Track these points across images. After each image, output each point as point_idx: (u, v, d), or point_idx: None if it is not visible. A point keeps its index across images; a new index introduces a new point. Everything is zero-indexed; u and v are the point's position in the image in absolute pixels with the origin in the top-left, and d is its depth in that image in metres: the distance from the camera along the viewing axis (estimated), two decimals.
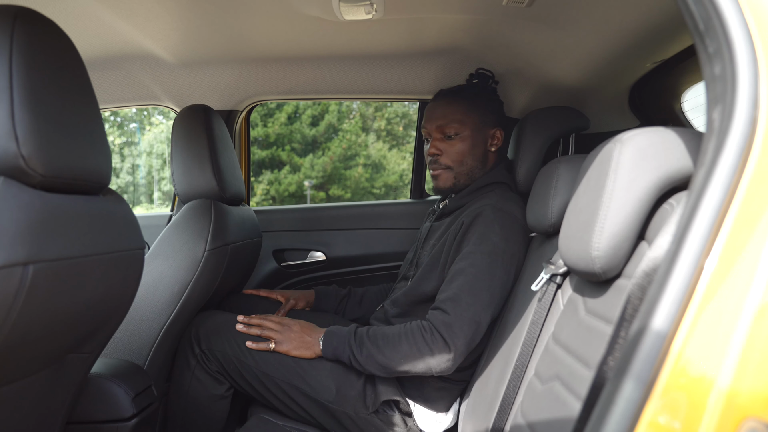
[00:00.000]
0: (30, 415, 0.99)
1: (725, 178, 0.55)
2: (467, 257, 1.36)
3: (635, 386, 0.52)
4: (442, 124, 1.57)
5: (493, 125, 1.61)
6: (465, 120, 1.56)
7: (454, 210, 1.60)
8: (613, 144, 0.88)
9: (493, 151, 1.62)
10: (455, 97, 1.58)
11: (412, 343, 1.31)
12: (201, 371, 1.49)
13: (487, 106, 1.60)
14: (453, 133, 1.56)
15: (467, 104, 1.57)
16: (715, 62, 0.61)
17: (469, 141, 1.57)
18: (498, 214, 1.41)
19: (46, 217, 0.78)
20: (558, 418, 0.87)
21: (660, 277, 0.55)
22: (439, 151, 1.58)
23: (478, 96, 1.60)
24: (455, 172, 1.59)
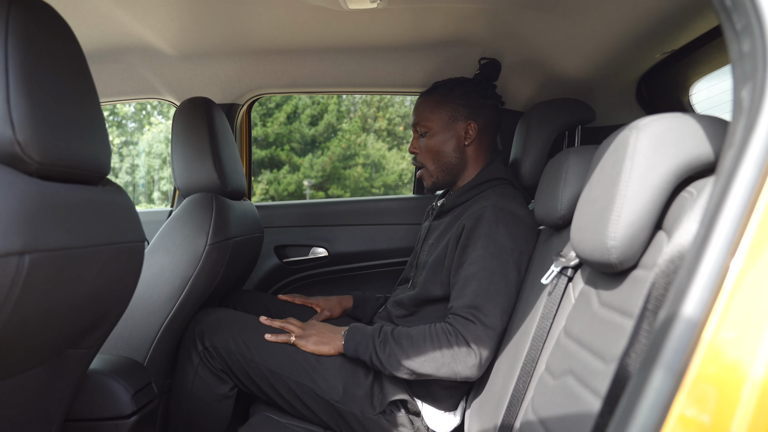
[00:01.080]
0: (28, 412, 0.97)
1: (758, 158, 0.52)
2: (477, 261, 1.34)
3: (666, 376, 0.50)
4: (415, 122, 1.60)
5: (465, 119, 1.57)
6: (432, 117, 1.57)
7: (453, 208, 1.57)
8: (629, 131, 0.85)
9: (467, 144, 1.59)
10: (428, 95, 1.60)
11: (437, 346, 1.29)
12: (204, 369, 1.46)
13: (458, 101, 1.57)
14: (423, 132, 1.59)
15: (437, 101, 1.57)
16: (744, 39, 0.58)
17: (437, 137, 1.57)
18: (500, 214, 1.38)
19: (43, 206, 0.75)
20: (572, 413, 0.85)
21: (690, 262, 0.53)
22: (416, 150, 1.62)
23: (451, 91, 1.58)
24: (430, 169, 1.60)
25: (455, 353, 1.28)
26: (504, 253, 1.33)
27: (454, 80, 1.61)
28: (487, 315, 1.28)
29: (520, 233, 1.38)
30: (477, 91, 1.59)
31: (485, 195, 1.49)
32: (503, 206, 1.40)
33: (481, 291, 1.30)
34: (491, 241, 1.34)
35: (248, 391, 1.48)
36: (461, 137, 1.58)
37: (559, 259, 1.11)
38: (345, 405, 1.38)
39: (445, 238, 1.47)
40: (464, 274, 1.35)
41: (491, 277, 1.31)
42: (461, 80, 1.61)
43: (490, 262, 1.32)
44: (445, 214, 1.59)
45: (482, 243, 1.35)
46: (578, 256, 0.98)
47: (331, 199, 2.81)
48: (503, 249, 1.33)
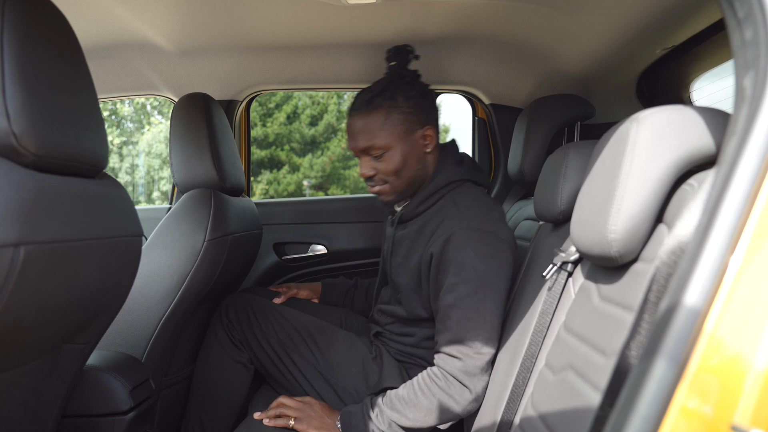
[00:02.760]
0: (23, 407, 0.96)
1: (761, 146, 0.52)
2: (451, 290, 1.28)
3: (667, 366, 0.49)
4: (365, 147, 1.40)
5: (420, 125, 1.42)
6: (387, 135, 1.38)
7: (411, 219, 1.49)
8: (629, 123, 0.85)
9: (429, 152, 1.46)
10: (369, 111, 1.39)
11: (430, 397, 1.27)
12: (226, 338, 1.60)
13: (405, 109, 1.40)
14: (379, 153, 1.40)
15: (384, 115, 1.38)
16: (746, 27, 0.57)
17: (399, 155, 1.40)
18: (466, 236, 1.30)
19: (39, 198, 0.75)
20: (573, 407, 0.84)
21: (691, 252, 0.52)
22: (373, 171, 1.43)
23: (394, 100, 1.39)
24: (394, 185, 1.44)
25: (450, 396, 1.26)
26: (477, 277, 1.27)
27: (387, 87, 1.40)
28: (471, 347, 1.25)
29: (490, 251, 1.30)
30: (417, 90, 1.43)
31: (447, 210, 1.39)
32: (468, 225, 1.32)
33: (463, 321, 1.26)
34: (462, 267, 1.28)
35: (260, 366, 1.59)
36: (420, 146, 1.44)
37: (559, 254, 1.10)
38: (339, 380, 1.45)
39: (413, 260, 1.41)
40: (442, 305, 1.30)
41: (469, 305, 1.27)
42: (395, 85, 1.41)
43: (466, 290, 1.27)
44: (406, 223, 1.51)
45: (454, 270, 1.28)
46: (578, 250, 0.97)
47: (330, 196, 2.80)
48: (476, 274, 1.27)
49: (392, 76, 1.43)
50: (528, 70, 1.86)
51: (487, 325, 1.26)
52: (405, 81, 1.42)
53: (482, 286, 1.27)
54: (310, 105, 15.91)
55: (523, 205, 1.87)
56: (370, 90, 1.41)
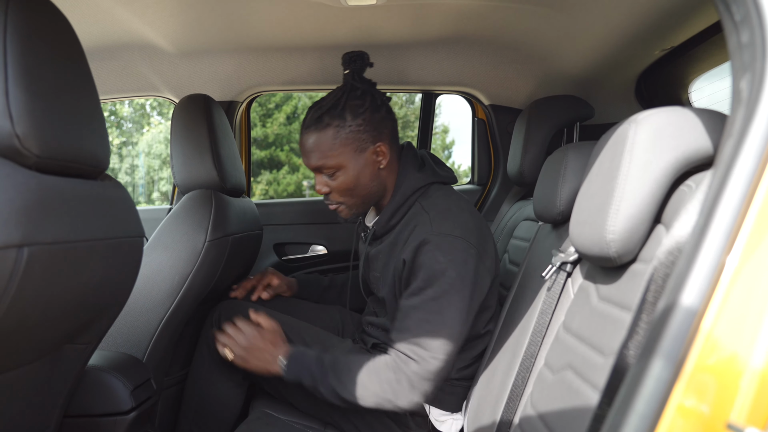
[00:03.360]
0: (25, 407, 0.96)
1: (757, 148, 0.52)
2: (417, 293, 1.28)
3: (664, 365, 0.50)
4: (317, 165, 1.37)
5: (372, 142, 1.37)
6: (334, 155, 1.35)
7: (385, 234, 1.47)
8: (627, 125, 0.85)
9: (383, 167, 1.41)
10: (320, 129, 1.34)
11: (377, 384, 1.26)
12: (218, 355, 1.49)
13: (355, 127, 1.35)
14: (332, 172, 1.37)
15: (333, 135, 1.34)
16: (743, 30, 0.58)
17: (350, 173, 1.37)
18: (436, 241, 1.28)
19: (42, 199, 0.75)
20: (572, 407, 0.85)
21: (688, 251, 0.53)
22: (328, 189, 1.40)
23: (342, 119, 1.34)
24: (349, 204, 1.42)
25: (397, 390, 1.25)
26: (444, 283, 1.26)
27: (336, 104, 1.35)
28: (428, 350, 1.24)
29: (460, 257, 1.28)
30: (368, 106, 1.36)
31: (417, 218, 1.37)
32: (438, 230, 1.30)
33: (424, 324, 1.26)
34: (430, 271, 1.27)
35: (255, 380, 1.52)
36: (373, 163, 1.39)
37: (558, 255, 1.11)
38: None
39: (390, 273, 1.41)
40: (405, 305, 1.30)
41: (431, 308, 1.26)
42: (344, 100, 1.35)
43: (430, 294, 1.26)
44: (379, 238, 1.49)
45: (422, 275, 1.27)
46: (577, 250, 0.98)
47: None
48: (444, 280, 1.26)
49: (344, 90, 1.37)
50: (527, 71, 1.87)
51: (448, 330, 1.25)
52: (356, 95, 1.36)
53: (448, 292, 1.25)
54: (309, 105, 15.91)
55: (522, 206, 1.88)
56: (320, 106, 1.37)
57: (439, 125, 17.28)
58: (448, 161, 17.00)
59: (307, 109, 1.42)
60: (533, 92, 1.96)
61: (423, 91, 2.26)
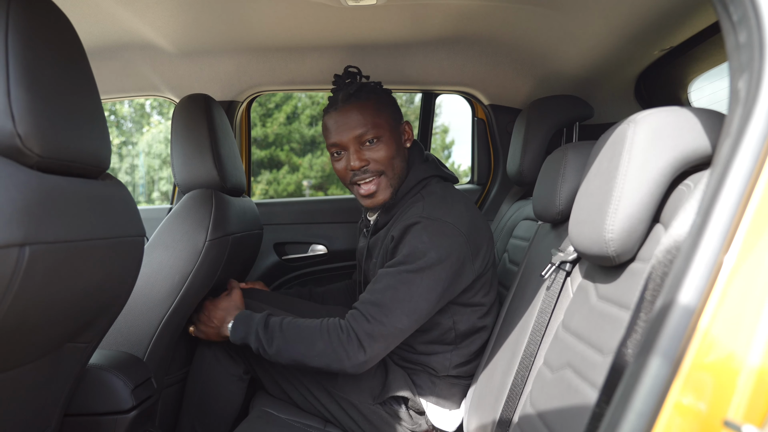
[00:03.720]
0: (26, 405, 0.97)
1: (754, 147, 0.53)
2: (394, 265, 1.32)
3: (662, 363, 0.50)
4: (360, 133, 1.40)
5: (400, 120, 1.50)
6: (380, 123, 1.42)
7: (387, 221, 1.50)
8: (626, 124, 0.86)
9: (408, 147, 1.51)
10: (360, 102, 1.42)
11: (327, 342, 1.28)
12: (220, 350, 1.54)
13: (390, 102, 1.48)
14: (374, 138, 1.41)
15: (375, 105, 1.42)
16: (740, 30, 0.58)
17: (392, 143, 1.43)
18: (426, 223, 1.33)
19: (43, 198, 0.76)
20: (570, 405, 0.85)
21: (686, 250, 0.53)
22: (366, 161, 1.42)
23: (376, 93, 1.45)
24: (389, 177, 1.44)
25: (345, 350, 1.27)
26: (423, 262, 1.29)
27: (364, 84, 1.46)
28: (386, 315, 1.27)
29: (444, 241, 1.31)
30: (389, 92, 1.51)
31: (415, 202, 1.43)
32: (429, 214, 1.35)
33: (389, 291, 1.28)
34: (412, 249, 1.31)
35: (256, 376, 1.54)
36: (402, 140, 1.49)
37: (557, 254, 1.11)
38: (343, 393, 1.41)
39: (381, 253, 1.45)
40: (380, 273, 1.34)
41: (403, 280, 1.29)
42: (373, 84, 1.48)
43: (407, 269, 1.29)
44: (379, 230, 1.53)
45: (405, 250, 1.32)
46: (576, 250, 0.98)
47: (330, 196, 2.81)
48: (423, 259, 1.29)
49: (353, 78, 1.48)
50: (527, 70, 1.87)
51: (410, 304, 1.28)
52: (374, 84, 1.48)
53: (424, 270, 1.29)
54: (309, 105, 15.91)
55: (522, 206, 1.88)
56: (350, 86, 1.44)
57: (439, 125, 17.30)
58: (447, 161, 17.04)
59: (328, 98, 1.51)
60: (533, 92, 1.96)
61: (423, 91, 2.26)
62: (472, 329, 1.43)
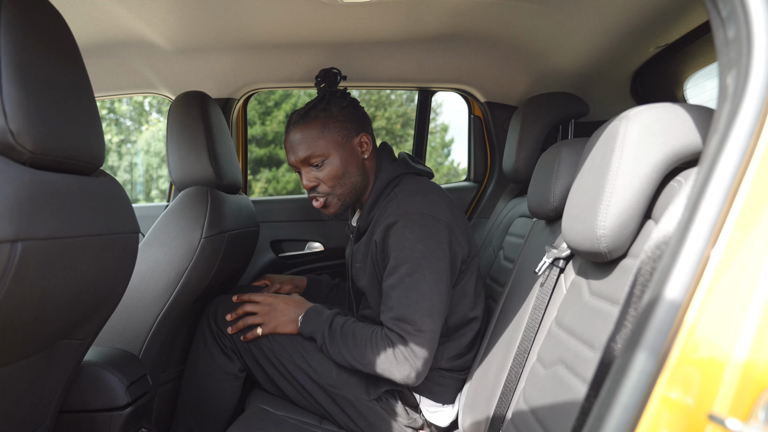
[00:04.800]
0: (21, 402, 0.97)
1: (741, 143, 0.53)
2: (392, 272, 1.34)
3: (648, 357, 0.50)
4: (306, 156, 1.45)
5: (356, 133, 1.49)
6: (325, 144, 1.44)
7: (368, 225, 1.53)
8: (618, 121, 0.86)
9: (366, 158, 1.51)
10: (307, 123, 1.45)
11: (376, 354, 1.32)
12: (216, 348, 1.55)
13: (341, 118, 1.46)
14: (319, 162, 1.45)
15: (321, 125, 1.44)
16: (729, 26, 0.58)
17: (338, 161, 1.45)
18: (405, 220, 1.35)
19: (36, 194, 0.76)
20: (562, 401, 0.85)
21: (673, 245, 0.53)
22: (316, 182, 1.48)
23: (328, 110, 1.46)
24: (337, 195, 1.49)
25: (392, 362, 1.31)
26: (415, 258, 1.32)
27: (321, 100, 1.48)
28: (411, 324, 1.30)
29: (426, 232, 1.34)
30: (350, 102, 1.51)
31: (389, 202, 1.44)
32: (406, 209, 1.37)
33: (403, 300, 1.31)
34: (401, 249, 1.33)
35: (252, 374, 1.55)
36: (358, 153, 1.50)
37: (551, 251, 1.11)
38: (338, 389, 1.41)
39: (368, 259, 1.47)
40: (385, 286, 1.36)
41: (407, 285, 1.31)
42: (328, 98, 1.48)
43: (404, 271, 1.32)
44: (362, 235, 1.55)
45: (394, 253, 1.34)
46: (569, 246, 0.99)
47: None
48: (414, 255, 1.32)
49: (325, 92, 1.49)
50: (523, 68, 1.87)
51: (427, 303, 1.30)
52: (337, 95, 1.49)
53: (420, 266, 1.31)
54: None
55: (517, 203, 1.88)
56: (306, 106, 1.48)
57: (439, 124, 17.29)
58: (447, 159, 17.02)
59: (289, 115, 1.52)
60: (529, 89, 1.97)
61: (419, 89, 2.26)
62: (463, 320, 1.45)
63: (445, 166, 17.27)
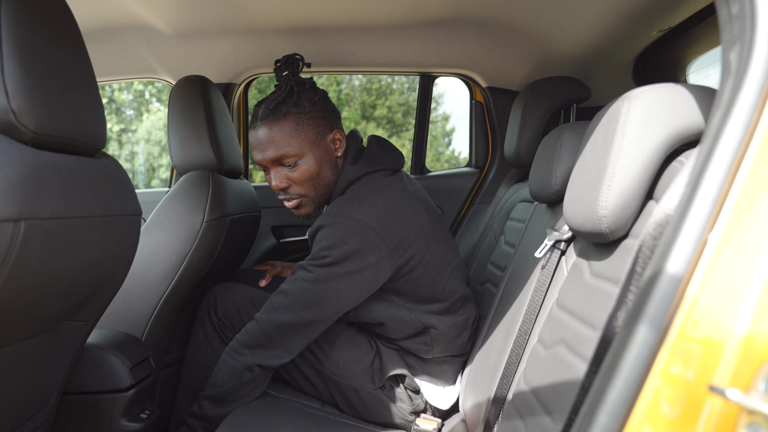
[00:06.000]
0: (25, 382, 0.98)
1: (744, 118, 0.53)
2: (304, 265, 1.33)
3: (649, 331, 0.50)
4: (278, 156, 1.35)
5: (330, 129, 1.40)
6: (296, 142, 1.34)
7: None
8: (621, 101, 0.86)
9: (339, 156, 1.43)
10: (278, 119, 1.34)
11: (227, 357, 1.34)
12: (216, 338, 1.53)
13: (314, 114, 1.37)
14: (292, 162, 1.36)
15: (294, 122, 1.34)
16: (733, 2, 0.58)
17: (313, 161, 1.37)
18: (331, 221, 1.31)
19: (38, 174, 0.76)
20: (563, 380, 0.86)
21: (675, 220, 0.53)
22: (287, 183, 1.39)
23: (300, 107, 1.35)
24: (312, 196, 1.42)
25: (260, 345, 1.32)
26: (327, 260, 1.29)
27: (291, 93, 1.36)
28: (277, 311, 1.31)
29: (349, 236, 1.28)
30: (321, 96, 1.41)
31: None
32: (336, 213, 1.32)
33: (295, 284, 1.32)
34: (318, 249, 1.31)
35: None
36: (331, 150, 1.41)
37: (552, 233, 1.11)
38: (344, 379, 1.41)
39: None
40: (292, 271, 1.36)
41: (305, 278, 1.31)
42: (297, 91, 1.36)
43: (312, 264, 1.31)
44: None
45: (313, 252, 1.32)
46: (571, 227, 0.99)
47: None
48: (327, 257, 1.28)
49: (290, 85, 1.37)
50: (525, 52, 1.86)
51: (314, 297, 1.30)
52: (305, 87, 1.38)
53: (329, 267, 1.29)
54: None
55: (519, 188, 1.88)
56: (272, 99, 1.35)
57: (440, 113, 17.24)
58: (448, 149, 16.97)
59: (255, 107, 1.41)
60: (531, 74, 1.96)
61: (420, 74, 2.25)
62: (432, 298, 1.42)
63: (446, 155, 17.25)
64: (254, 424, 1.25)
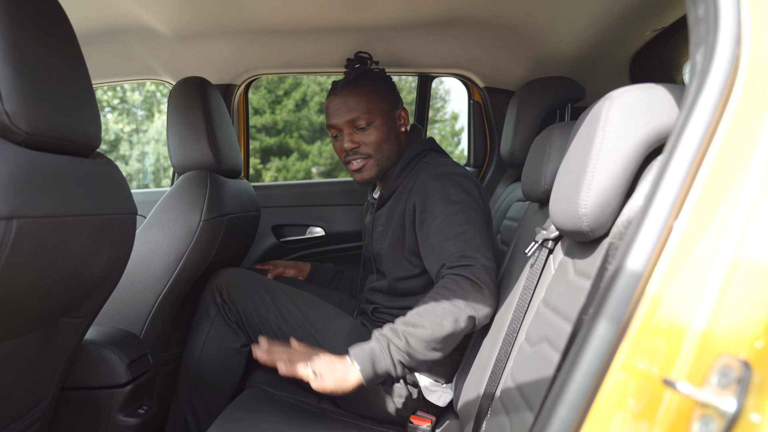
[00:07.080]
0: (22, 378, 1.00)
1: (706, 117, 0.54)
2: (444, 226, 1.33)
3: (609, 326, 0.52)
4: (353, 117, 1.51)
5: (398, 106, 1.60)
6: (373, 108, 1.52)
7: (391, 195, 1.58)
8: (602, 102, 0.87)
9: (403, 131, 1.61)
10: (357, 88, 1.53)
11: (443, 300, 1.20)
12: (221, 321, 1.56)
13: (387, 89, 1.57)
14: (366, 124, 1.52)
15: (370, 92, 1.53)
16: (699, 4, 0.59)
17: (383, 128, 1.54)
18: (443, 179, 1.41)
19: (31, 174, 0.78)
20: (544, 376, 0.87)
21: (637, 218, 0.55)
22: (356, 144, 1.54)
23: (375, 81, 1.56)
24: (376, 159, 1.55)
25: (466, 296, 1.20)
26: (463, 206, 1.36)
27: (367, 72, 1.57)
28: (477, 257, 1.26)
29: (467, 187, 1.41)
30: (389, 80, 1.61)
31: (417, 171, 1.51)
32: (442, 171, 1.44)
33: (461, 243, 1.30)
34: (447, 203, 1.36)
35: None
36: (397, 124, 1.59)
37: (540, 232, 1.13)
38: None
39: (393, 220, 1.50)
40: (437, 240, 1.32)
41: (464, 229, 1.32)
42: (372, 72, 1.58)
43: (457, 219, 1.33)
44: (385, 202, 1.60)
45: (440, 209, 1.36)
46: (556, 226, 1.00)
47: (328, 179, 2.83)
48: (461, 204, 1.36)
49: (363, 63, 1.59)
50: (521, 52, 1.87)
51: (484, 241, 1.31)
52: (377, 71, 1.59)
53: (469, 213, 1.35)
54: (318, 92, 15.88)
55: (515, 188, 1.89)
56: (352, 73, 1.56)
57: (449, 112, 17.23)
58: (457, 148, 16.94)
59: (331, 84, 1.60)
60: (527, 74, 1.97)
61: (418, 74, 2.27)
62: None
63: (455, 154, 17.26)
64: (249, 420, 1.27)
